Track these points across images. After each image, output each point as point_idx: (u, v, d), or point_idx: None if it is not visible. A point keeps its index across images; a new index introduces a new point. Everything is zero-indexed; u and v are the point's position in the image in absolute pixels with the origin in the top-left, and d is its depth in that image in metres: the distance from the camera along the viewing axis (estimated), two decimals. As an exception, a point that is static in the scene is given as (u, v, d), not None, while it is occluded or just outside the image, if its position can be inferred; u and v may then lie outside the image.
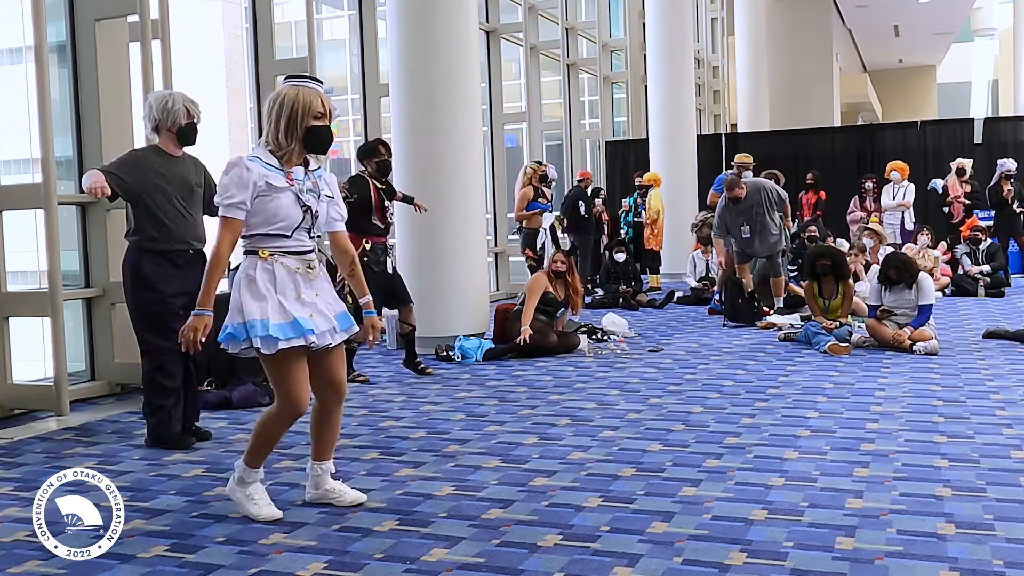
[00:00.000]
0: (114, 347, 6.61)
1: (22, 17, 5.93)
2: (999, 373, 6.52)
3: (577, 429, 5.16)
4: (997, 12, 35.46)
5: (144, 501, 4.04)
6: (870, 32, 28.83)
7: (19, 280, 6.66)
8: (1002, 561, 3.12)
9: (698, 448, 4.67)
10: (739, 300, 9.45)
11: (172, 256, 4.95)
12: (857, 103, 32.25)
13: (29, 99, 5.96)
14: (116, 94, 6.66)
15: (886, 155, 14.76)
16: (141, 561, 3.34)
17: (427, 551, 3.35)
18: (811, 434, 4.90)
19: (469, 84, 7.97)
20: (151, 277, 4.91)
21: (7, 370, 5.91)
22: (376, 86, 10.21)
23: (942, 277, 11.69)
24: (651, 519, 3.61)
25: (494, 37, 13.24)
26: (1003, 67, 34.61)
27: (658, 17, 14.96)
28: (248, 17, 8.82)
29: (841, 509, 3.67)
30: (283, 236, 3.64)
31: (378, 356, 8.01)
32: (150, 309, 4.96)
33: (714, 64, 22.42)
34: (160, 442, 4.97)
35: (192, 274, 4.68)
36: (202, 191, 5.08)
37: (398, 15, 7.91)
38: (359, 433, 5.21)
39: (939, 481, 4.02)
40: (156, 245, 4.92)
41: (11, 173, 8.37)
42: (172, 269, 4.94)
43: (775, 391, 6.08)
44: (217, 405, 5.97)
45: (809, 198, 13.94)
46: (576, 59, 16.28)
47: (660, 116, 14.89)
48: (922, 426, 5.02)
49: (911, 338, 7.48)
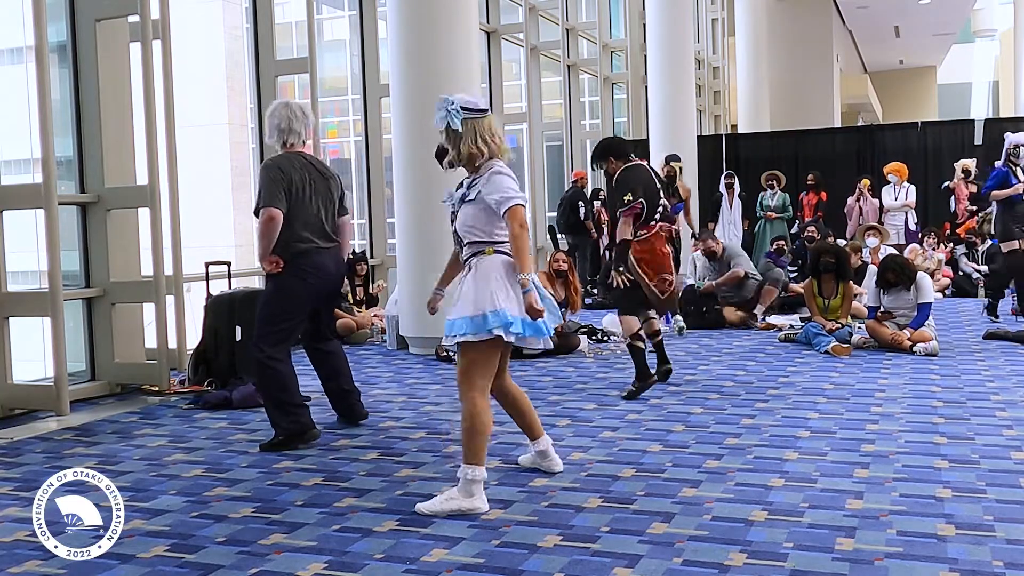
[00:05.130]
0: (114, 347, 6.62)
1: (22, 17, 5.93)
2: (999, 374, 6.51)
3: (577, 429, 5.16)
4: (997, 13, 35.44)
5: (144, 501, 4.04)
6: (871, 33, 28.81)
7: (19, 280, 6.67)
8: (1002, 562, 3.12)
9: (698, 449, 4.67)
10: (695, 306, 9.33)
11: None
12: (857, 104, 32.22)
13: (29, 99, 5.96)
14: (116, 94, 6.66)
15: (886, 156, 14.74)
16: (141, 561, 3.34)
17: (427, 551, 3.35)
18: (811, 435, 4.90)
19: (469, 85, 7.95)
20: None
21: (7, 370, 5.91)
22: (376, 86, 10.21)
23: (943, 278, 11.69)
24: (651, 520, 3.61)
25: (495, 38, 13.24)
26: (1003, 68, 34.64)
27: (658, 18, 14.95)
28: (248, 17, 8.83)
29: (841, 510, 3.67)
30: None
31: (378, 356, 8.01)
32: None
33: (714, 65, 22.40)
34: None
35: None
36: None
37: (399, 15, 7.91)
38: (359, 433, 5.21)
39: (939, 482, 4.02)
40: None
41: (11, 173, 8.38)
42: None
43: (775, 392, 6.07)
44: (217, 405, 5.98)
45: (810, 199, 13.94)
46: (577, 60, 16.27)
47: (660, 117, 14.88)
48: (922, 427, 5.02)
49: (911, 339, 7.48)
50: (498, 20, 13.41)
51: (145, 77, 6.37)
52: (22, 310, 6.04)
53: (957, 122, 16.88)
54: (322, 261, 5.03)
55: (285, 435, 4.92)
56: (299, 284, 4.97)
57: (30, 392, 6.00)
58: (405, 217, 8.04)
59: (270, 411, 5.00)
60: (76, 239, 6.62)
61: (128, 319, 6.76)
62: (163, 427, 5.54)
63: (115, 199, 6.57)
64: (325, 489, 4.15)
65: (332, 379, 5.40)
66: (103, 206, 6.58)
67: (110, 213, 6.59)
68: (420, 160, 7.87)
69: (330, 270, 5.11)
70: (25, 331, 6.43)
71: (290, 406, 4.96)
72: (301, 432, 4.95)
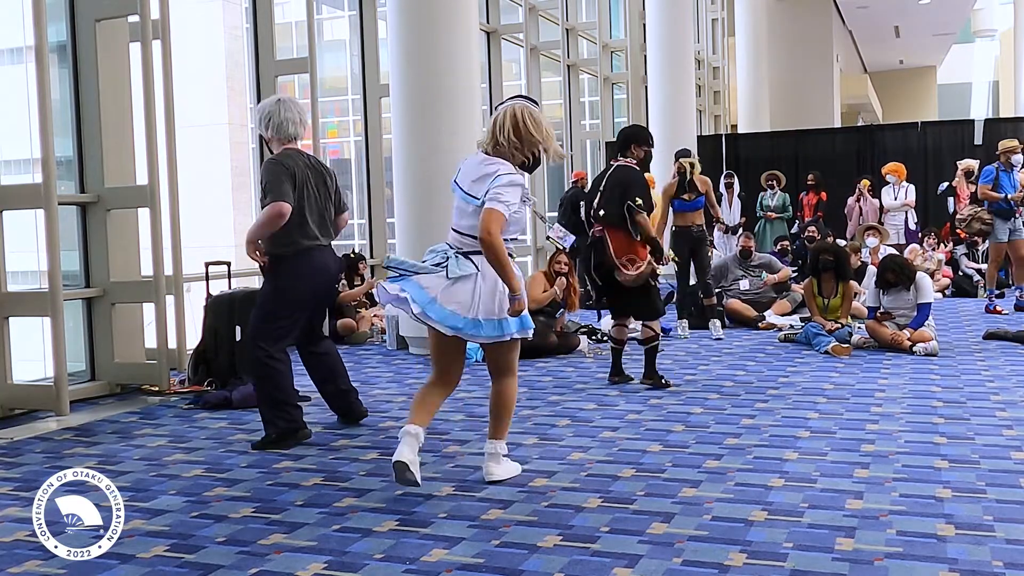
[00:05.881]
0: (114, 347, 6.62)
1: (22, 17, 5.93)
2: (999, 374, 6.52)
3: (577, 430, 5.16)
4: (997, 13, 35.48)
5: (144, 501, 4.04)
6: (871, 33, 28.83)
7: (19, 280, 6.67)
8: (1002, 562, 3.12)
9: (698, 449, 4.67)
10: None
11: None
12: (857, 104, 32.23)
13: (29, 99, 5.95)
14: (116, 94, 6.66)
15: (886, 156, 14.74)
16: (141, 561, 3.34)
17: (427, 551, 3.35)
18: (811, 435, 4.90)
19: (469, 85, 7.96)
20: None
21: (7, 370, 5.91)
22: (376, 86, 10.20)
23: (942, 279, 11.68)
24: (651, 520, 3.61)
25: (495, 38, 13.23)
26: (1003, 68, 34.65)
27: (658, 18, 14.95)
28: (248, 17, 8.83)
29: (841, 510, 3.67)
30: (514, 240, 4.06)
31: (378, 356, 8.01)
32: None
33: (714, 65, 22.39)
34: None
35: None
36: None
37: (398, 15, 7.91)
38: (359, 433, 5.21)
39: (939, 482, 4.02)
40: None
41: (11, 173, 8.38)
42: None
43: (775, 392, 6.07)
44: (217, 405, 5.98)
45: (810, 199, 13.95)
46: (576, 60, 16.26)
47: (660, 117, 14.88)
48: (922, 427, 5.02)
49: (911, 339, 7.48)
50: (498, 20, 13.41)
51: (145, 77, 6.37)
52: (22, 310, 6.04)
53: (957, 122, 16.89)
54: (324, 259, 5.05)
55: (277, 434, 4.92)
56: (301, 282, 4.98)
57: (30, 392, 6.00)
58: (405, 217, 8.04)
59: (264, 409, 4.99)
60: (76, 239, 6.62)
61: (128, 319, 6.75)
62: (163, 427, 5.54)
63: (115, 199, 6.57)
64: (325, 489, 4.15)
65: (329, 381, 5.39)
66: (103, 206, 6.58)
67: (110, 213, 6.58)
68: (420, 160, 7.88)
69: (331, 268, 5.14)
70: (25, 331, 6.43)
71: (285, 405, 4.96)
72: (294, 432, 4.95)
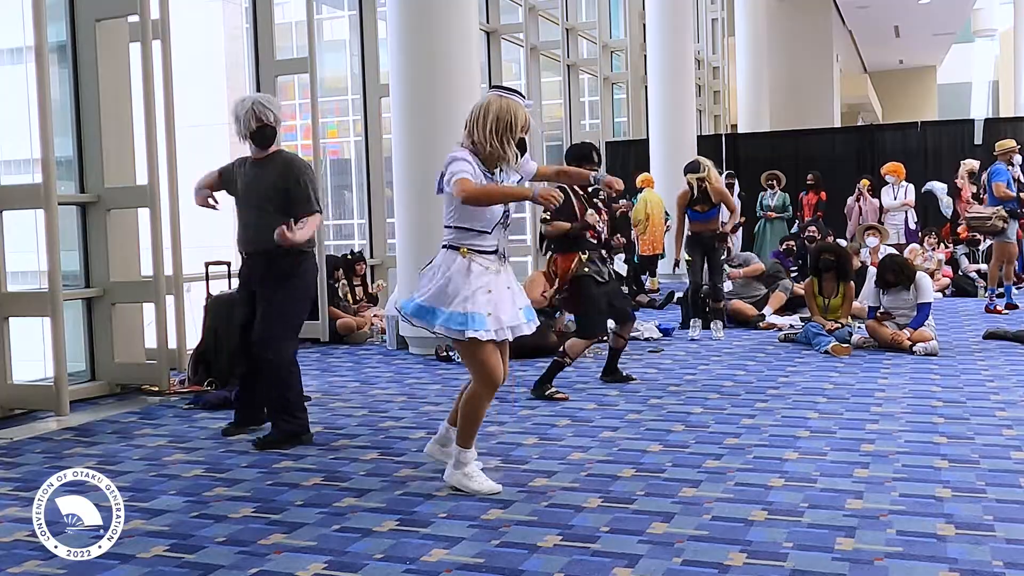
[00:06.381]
0: (114, 347, 6.62)
1: (22, 17, 5.93)
2: (999, 374, 6.52)
3: (577, 430, 5.16)
4: (997, 13, 35.43)
5: (144, 501, 4.04)
6: (870, 33, 28.81)
7: (19, 280, 6.67)
8: (1002, 562, 3.13)
9: (698, 449, 4.67)
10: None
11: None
12: (857, 104, 32.24)
13: (29, 99, 5.95)
14: (116, 94, 6.66)
15: (886, 156, 14.73)
16: (141, 561, 3.34)
17: (427, 551, 3.35)
18: (811, 435, 4.90)
19: (469, 85, 7.96)
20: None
21: (7, 370, 5.91)
22: (376, 86, 10.20)
23: (943, 278, 11.68)
24: (651, 520, 3.61)
25: (494, 38, 13.23)
26: (1003, 68, 34.62)
27: (658, 18, 14.95)
28: (248, 17, 8.83)
29: (841, 510, 3.67)
30: (484, 232, 3.96)
31: (378, 356, 8.01)
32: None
33: (714, 65, 22.39)
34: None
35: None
36: (287, 191, 4.99)
37: (398, 15, 7.91)
38: (359, 433, 5.21)
39: (939, 482, 4.02)
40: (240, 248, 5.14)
41: (11, 173, 8.38)
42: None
43: (775, 392, 6.07)
44: (217, 405, 5.97)
45: (809, 199, 13.95)
46: (576, 60, 16.27)
47: (660, 117, 14.88)
48: (922, 427, 5.02)
49: (911, 339, 7.48)
50: (498, 20, 13.41)
51: (145, 77, 6.37)
52: (22, 310, 6.04)
53: (957, 122, 16.90)
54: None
55: (283, 435, 4.93)
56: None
57: (30, 392, 6.00)
58: (405, 217, 8.04)
59: (274, 410, 5.01)
60: (76, 239, 6.62)
61: (128, 319, 6.76)
62: (163, 427, 5.54)
63: (115, 199, 6.57)
64: (325, 489, 4.15)
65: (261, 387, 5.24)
66: (103, 206, 6.58)
67: (110, 213, 6.58)
68: (420, 160, 7.87)
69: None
70: (25, 331, 6.42)
71: (295, 408, 4.99)
72: (300, 434, 4.97)
